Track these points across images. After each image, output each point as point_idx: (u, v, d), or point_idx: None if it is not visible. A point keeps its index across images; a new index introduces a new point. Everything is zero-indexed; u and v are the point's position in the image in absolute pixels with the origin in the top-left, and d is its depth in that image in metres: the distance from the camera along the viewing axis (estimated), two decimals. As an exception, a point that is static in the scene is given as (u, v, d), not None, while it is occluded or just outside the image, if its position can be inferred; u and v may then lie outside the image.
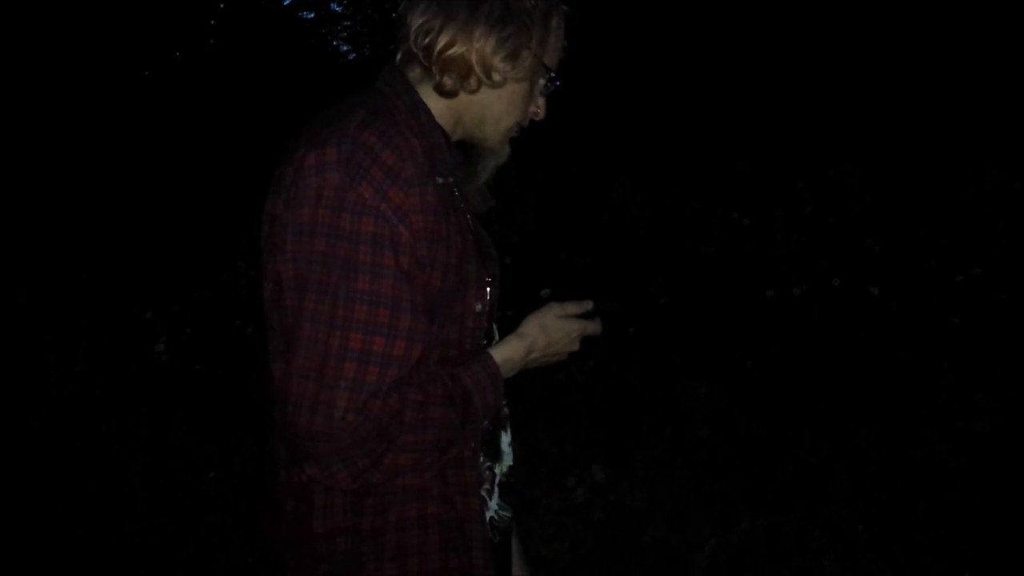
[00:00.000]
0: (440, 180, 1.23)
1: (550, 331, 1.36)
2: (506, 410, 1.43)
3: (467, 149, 1.36)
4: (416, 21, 1.23)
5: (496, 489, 1.40)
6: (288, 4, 8.11)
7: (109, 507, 2.92)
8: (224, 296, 4.05)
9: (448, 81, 1.24)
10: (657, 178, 5.21)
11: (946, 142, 5.22)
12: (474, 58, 1.23)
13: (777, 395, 3.46)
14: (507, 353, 1.32)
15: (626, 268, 4.19)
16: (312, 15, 8.52)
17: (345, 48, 9.18)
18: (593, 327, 1.40)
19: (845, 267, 4.29)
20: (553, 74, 1.31)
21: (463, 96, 1.27)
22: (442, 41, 1.22)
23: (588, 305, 1.40)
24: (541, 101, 1.35)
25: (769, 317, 3.99)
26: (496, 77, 1.25)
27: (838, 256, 4.39)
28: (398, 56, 1.28)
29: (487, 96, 1.28)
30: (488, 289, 1.31)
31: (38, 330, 3.96)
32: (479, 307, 1.29)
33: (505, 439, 1.43)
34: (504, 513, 1.42)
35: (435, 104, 1.28)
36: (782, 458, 3.11)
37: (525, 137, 1.38)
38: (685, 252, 4.55)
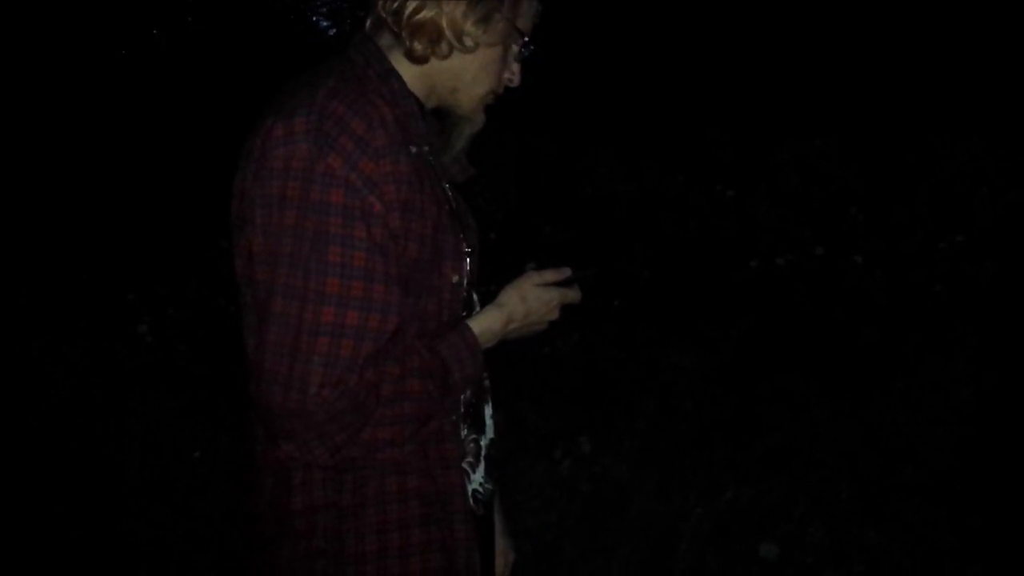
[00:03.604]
0: (414, 149, 1.20)
1: (529, 300, 1.34)
2: (487, 382, 1.41)
3: (442, 117, 1.34)
4: None
5: (481, 462, 1.39)
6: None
7: (93, 488, 2.90)
8: (206, 276, 4.02)
9: (418, 46, 1.21)
10: (639, 151, 5.18)
11: (929, 110, 5.21)
12: (444, 22, 1.20)
13: (762, 365, 3.47)
14: (486, 324, 1.31)
15: (610, 241, 4.18)
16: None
17: (325, 24, 9.07)
18: (572, 295, 1.38)
19: (828, 237, 4.29)
20: (527, 39, 1.29)
21: (435, 62, 1.24)
22: (411, 5, 1.19)
23: (566, 272, 1.38)
24: (516, 67, 1.32)
25: (753, 288, 3.99)
26: (468, 42, 1.22)
27: (821, 226, 4.40)
28: (367, 23, 1.25)
29: (459, 62, 1.25)
30: (466, 260, 1.30)
31: (21, 313, 3.92)
32: (456, 278, 1.27)
33: (488, 410, 1.41)
34: (487, 486, 1.41)
35: (407, 71, 1.25)
36: (767, 427, 3.12)
37: (506, 109, 1.35)
38: (668, 224, 4.54)
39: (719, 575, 2.59)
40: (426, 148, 1.25)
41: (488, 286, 1.39)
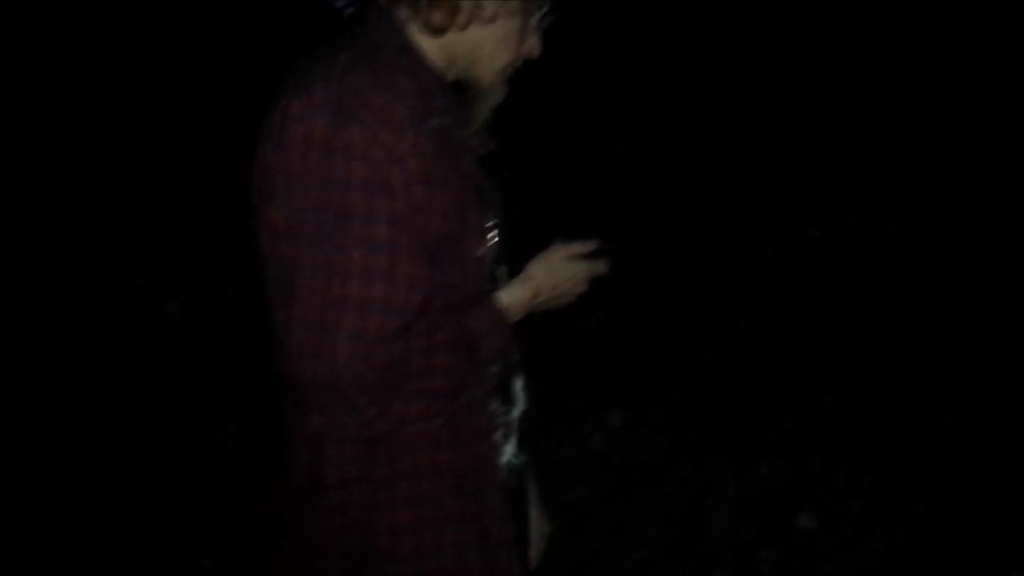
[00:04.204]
0: (435, 122, 1.20)
1: (556, 273, 1.33)
2: (517, 354, 1.41)
3: (462, 91, 1.33)
4: None
5: (512, 434, 1.39)
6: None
7: (101, 468, 2.89)
8: (217, 258, 3.99)
9: (436, 17, 1.20)
10: (650, 132, 5.11)
11: (942, 88, 5.08)
12: None
13: (794, 340, 3.43)
14: (513, 297, 1.30)
15: (623, 223, 4.14)
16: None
17: (342, 3, 9.00)
18: (599, 267, 1.38)
19: (856, 211, 4.22)
20: (546, 8, 1.27)
21: (453, 34, 1.23)
22: None
23: (593, 244, 1.37)
24: (535, 39, 1.31)
25: (774, 266, 3.94)
26: (486, 12, 1.21)
27: (834, 209, 4.32)
28: None
29: (479, 33, 1.24)
30: (491, 234, 1.29)
31: (27, 295, 3.90)
32: (481, 251, 1.26)
33: (518, 383, 1.41)
34: (520, 458, 1.41)
35: (425, 44, 1.24)
36: (803, 402, 3.09)
37: (515, 89, 1.34)
38: (682, 205, 4.49)
39: (757, 547, 2.57)
40: (448, 121, 1.24)
41: (508, 263, 1.39)
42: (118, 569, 2.57)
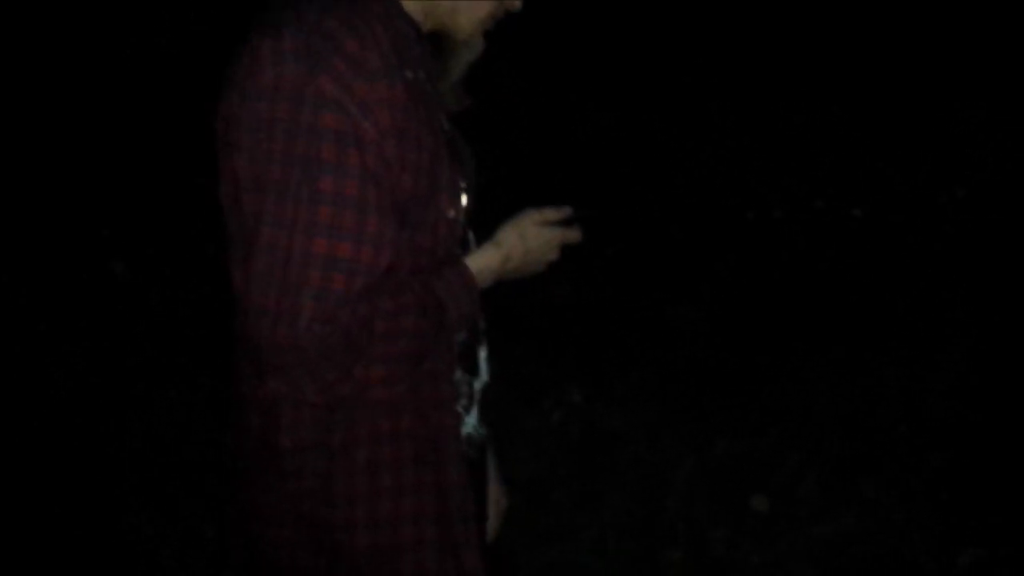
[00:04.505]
0: (409, 74, 1.14)
1: (528, 239, 1.29)
2: (483, 323, 1.37)
3: (439, 43, 1.27)
4: None
5: (475, 405, 1.35)
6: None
7: (101, 467, 2.84)
8: (184, 214, 3.91)
9: None
10: (634, 97, 5.07)
11: (932, 69, 5.11)
12: None
13: (756, 319, 3.44)
14: (483, 262, 1.26)
15: (602, 188, 4.11)
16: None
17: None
18: (572, 235, 1.34)
19: (828, 190, 4.24)
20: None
21: None
22: None
23: (567, 211, 1.33)
24: None
25: (749, 240, 3.95)
26: None
27: (820, 179, 4.34)
28: None
29: None
30: (463, 195, 1.24)
31: (27, 295, 3.82)
32: (452, 213, 1.21)
33: (482, 353, 1.37)
34: (481, 430, 1.37)
35: None
36: (760, 381, 3.10)
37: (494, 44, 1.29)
38: (663, 172, 4.46)
39: (709, 526, 2.58)
40: (422, 74, 1.18)
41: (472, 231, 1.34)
42: (118, 569, 2.52)
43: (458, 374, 1.29)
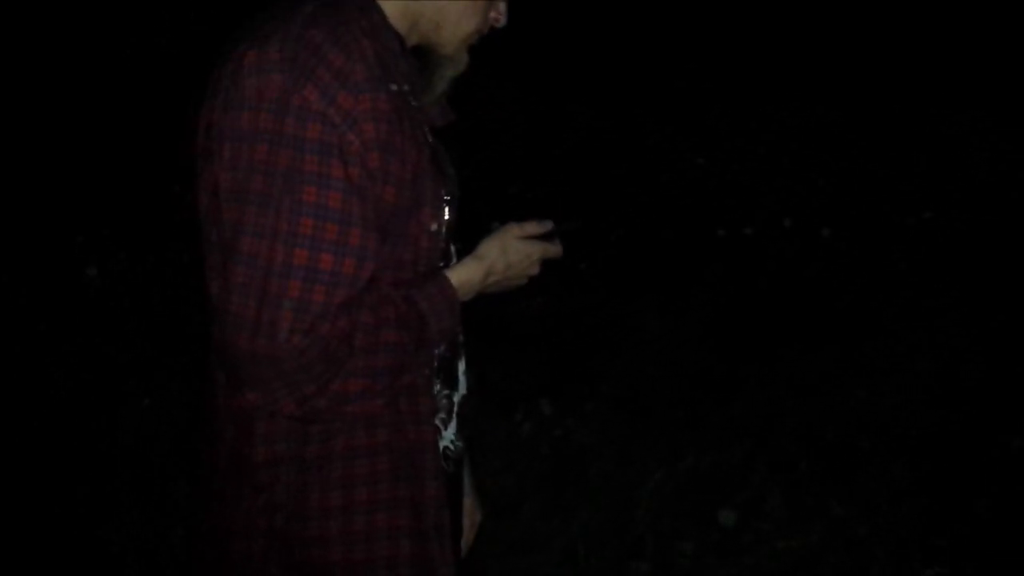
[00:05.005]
0: (394, 87, 1.13)
1: (509, 253, 1.29)
2: (462, 337, 1.36)
3: (423, 58, 1.27)
4: None
5: (452, 419, 1.34)
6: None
7: (100, 467, 2.80)
8: (159, 221, 3.88)
9: None
10: (616, 107, 5.08)
11: (907, 85, 5.17)
12: None
13: (726, 333, 3.47)
14: (464, 276, 1.25)
15: (579, 201, 4.13)
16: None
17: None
18: (554, 249, 1.34)
19: (797, 208, 4.28)
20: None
21: None
22: None
23: (548, 225, 1.33)
24: (502, 6, 1.26)
25: (719, 256, 3.98)
26: None
27: (790, 197, 4.38)
28: None
29: None
30: (446, 208, 1.24)
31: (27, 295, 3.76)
32: (434, 227, 1.21)
33: (461, 367, 1.36)
34: (458, 444, 1.37)
35: (388, 6, 1.18)
36: (729, 395, 3.13)
37: (478, 57, 1.29)
38: (639, 187, 4.49)
39: (677, 539, 2.59)
40: (407, 87, 1.18)
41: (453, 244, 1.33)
42: (116, 569, 2.48)
43: (437, 387, 1.29)
